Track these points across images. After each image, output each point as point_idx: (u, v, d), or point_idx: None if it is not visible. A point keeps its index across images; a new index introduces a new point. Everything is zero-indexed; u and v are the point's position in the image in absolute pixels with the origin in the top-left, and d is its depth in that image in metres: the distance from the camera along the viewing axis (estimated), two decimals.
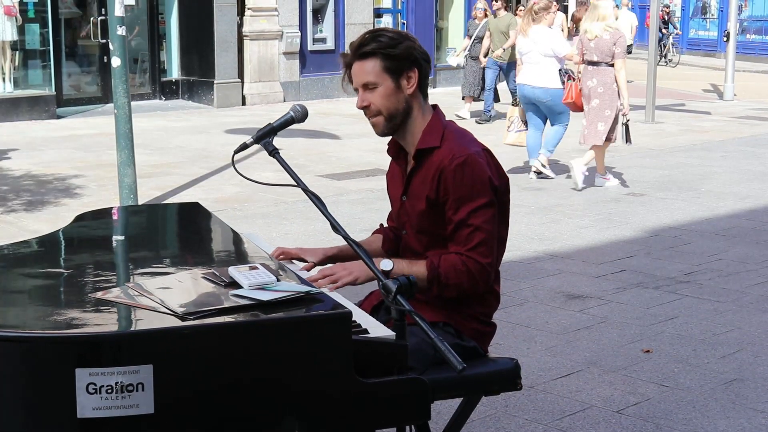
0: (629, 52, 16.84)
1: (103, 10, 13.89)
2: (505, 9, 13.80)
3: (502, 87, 14.32)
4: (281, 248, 3.15)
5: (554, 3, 9.33)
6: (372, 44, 2.88)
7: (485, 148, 2.98)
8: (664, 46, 23.73)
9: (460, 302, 2.96)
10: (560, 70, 9.21)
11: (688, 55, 27.48)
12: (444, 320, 2.95)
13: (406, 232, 3.09)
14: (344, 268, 2.90)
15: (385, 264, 2.62)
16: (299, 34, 16.08)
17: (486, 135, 10.55)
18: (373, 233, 3.30)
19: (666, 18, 23.58)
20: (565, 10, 25.25)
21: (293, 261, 3.14)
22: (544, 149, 9.40)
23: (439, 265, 2.87)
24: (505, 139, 9.98)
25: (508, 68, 13.56)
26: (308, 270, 3.07)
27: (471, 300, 2.97)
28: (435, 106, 3.04)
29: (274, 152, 2.89)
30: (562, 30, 19.61)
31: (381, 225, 3.33)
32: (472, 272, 2.87)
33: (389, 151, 3.11)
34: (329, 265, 2.98)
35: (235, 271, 2.59)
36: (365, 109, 2.94)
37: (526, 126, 9.62)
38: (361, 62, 2.90)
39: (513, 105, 10.13)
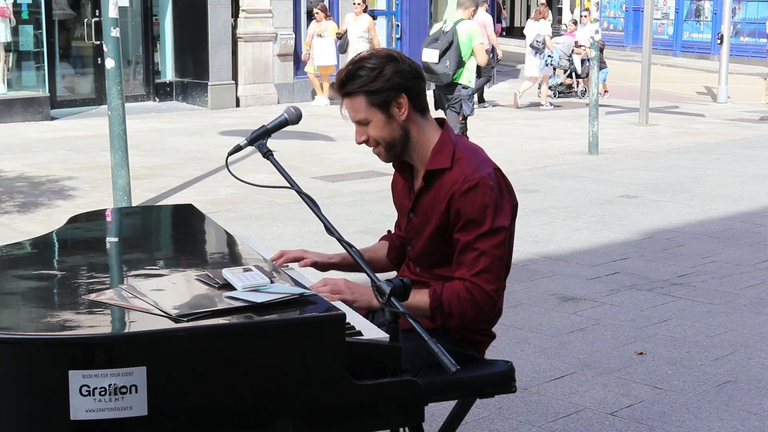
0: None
1: (96, 11, 13.91)
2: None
3: None
4: (283, 251, 3.13)
5: None
6: (353, 83, 2.81)
7: (496, 167, 2.92)
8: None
9: None
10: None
11: (682, 58, 27.56)
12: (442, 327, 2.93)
13: (411, 248, 3.05)
14: (349, 288, 2.82)
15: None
16: (293, 35, 16.09)
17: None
18: (380, 239, 3.28)
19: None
20: (559, 12, 25.29)
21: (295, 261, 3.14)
22: None
23: (441, 293, 2.80)
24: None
25: None
26: (307, 265, 3.09)
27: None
28: (443, 122, 2.98)
29: (268, 154, 2.88)
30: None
31: (388, 231, 3.30)
32: (476, 300, 2.80)
33: (394, 164, 3.06)
34: (336, 278, 2.90)
35: (229, 273, 2.59)
36: (365, 143, 2.91)
37: None
38: (349, 100, 2.85)
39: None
